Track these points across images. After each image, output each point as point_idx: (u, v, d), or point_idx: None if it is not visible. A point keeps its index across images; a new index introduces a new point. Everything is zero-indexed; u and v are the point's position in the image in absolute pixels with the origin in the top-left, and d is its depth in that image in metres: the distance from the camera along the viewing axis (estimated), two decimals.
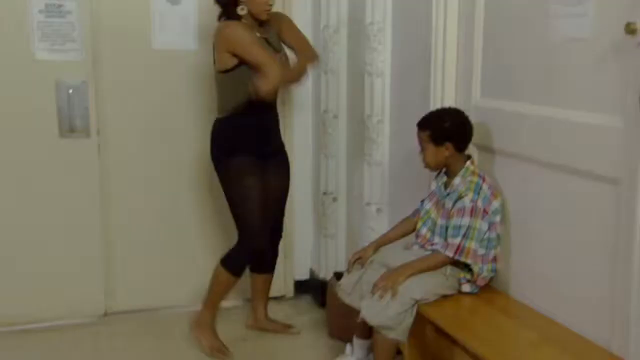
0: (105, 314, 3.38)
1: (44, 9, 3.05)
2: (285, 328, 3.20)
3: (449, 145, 2.33)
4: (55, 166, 3.20)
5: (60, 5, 3.06)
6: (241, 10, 2.76)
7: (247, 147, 2.85)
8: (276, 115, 2.97)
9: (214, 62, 2.83)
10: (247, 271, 3.03)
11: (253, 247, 2.90)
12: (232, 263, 2.90)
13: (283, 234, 3.19)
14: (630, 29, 1.69)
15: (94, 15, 3.13)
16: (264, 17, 2.80)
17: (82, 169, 3.24)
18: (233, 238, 2.96)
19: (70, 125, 3.17)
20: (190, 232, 3.46)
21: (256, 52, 2.71)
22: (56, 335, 3.19)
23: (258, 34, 2.80)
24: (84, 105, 3.16)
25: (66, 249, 3.26)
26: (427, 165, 2.41)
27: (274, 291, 3.36)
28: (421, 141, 2.39)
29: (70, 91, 3.14)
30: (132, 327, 3.28)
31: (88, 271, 3.31)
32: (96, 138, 3.22)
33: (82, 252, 3.29)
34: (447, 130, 2.33)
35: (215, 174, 2.94)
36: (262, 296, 3.19)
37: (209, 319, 2.97)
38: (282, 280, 3.55)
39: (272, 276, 3.21)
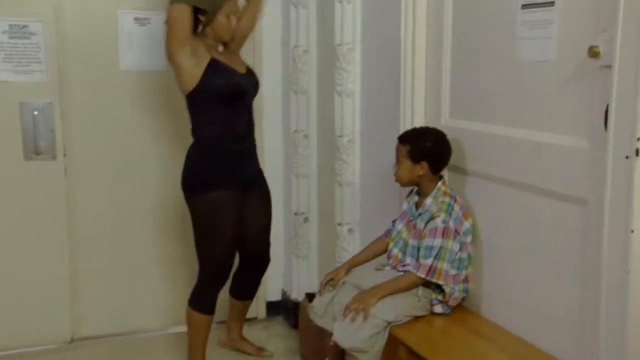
0: (72, 340, 3.30)
1: (8, 29, 3.00)
2: (258, 351, 3.15)
3: (424, 164, 2.33)
4: (21, 189, 3.13)
5: (24, 26, 3.01)
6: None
7: (223, 180, 2.69)
8: (253, 141, 2.85)
9: (178, 84, 2.70)
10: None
11: (215, 283, 2.79)
12: (199, 302, 2.79)
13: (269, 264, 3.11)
14: (593, 52, 1.72)
15: (59, 36, 3.08)
16: (227, 38, 2.72)
17: (48, 192, 3.17)
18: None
19: (36, 148, 3.11)
20: (158, 256, 3.40)
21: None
22: None
23: (219, 56, 2.68)
24: (49, 127, 3.10)
25: (32, 273, 3.18)
26: (399, 180, 2.41)
27: None
28: (399, 155, 2.39)
29: (36, 113, 3.08)
30: (100, 353, 3.21)
31: (54, 296, 3.23)
32: (62, 160, 3.16)
33: (48, 276, 3.21)
34: (426, 150, 2.34)
35: (184, 201, 2.83)
36: (239, 318, 3.16)
37: None
38: (254, 302, 3.50)
39: (251, 302, 3.18)
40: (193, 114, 2.73)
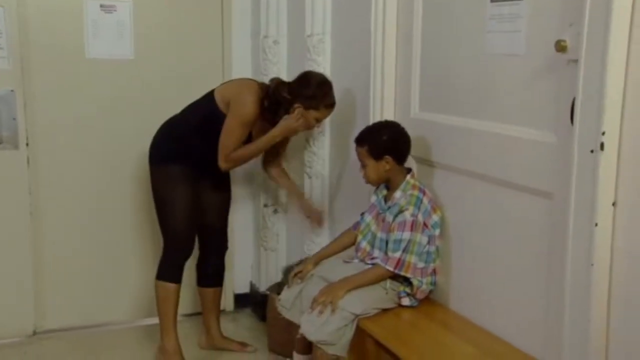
0: (34, 333, 3.24)
1: None
2: (242, 347, 3.13)
3: (388, 158, 2.32)
4: None
5: None
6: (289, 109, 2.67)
7: (185, 158, 2.80)
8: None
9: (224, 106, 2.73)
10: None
11: (177, 251, 2.85)
12: (164, 272, 2.85)
13: (228, 245, 3.14)
14: (560, 47, 1.73)
15: (21, 22, 3.00)
16: (293, 134, 2.80)
17: (10, 182, 3.10)
18: None
19: None
20: (122, 247, 3.36)
21: (232, 134, 2.68)
22: None
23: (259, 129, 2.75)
24: (11, 116, 3.03)
25: None
26: (369, 181, 2.41)
27: None
28: (360, 157, 2.38)
29: None
30: (62, 346, 3.16)
31: (17, 288, 3.16)
32: (25, 150, 3.09)
33: (10, 268, 3.14)
34: (385, 143, 2.33)
35: (149, 185, 2.88)
36: (212, 311, 3.12)
37: (171, 344, 2.87)
38: (222, 294, 3.48)
39: (221, 290, 3.15)
40: (208, 122, 2.75)
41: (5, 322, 3.16)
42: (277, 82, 2.74)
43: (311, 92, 2.63)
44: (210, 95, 2.79)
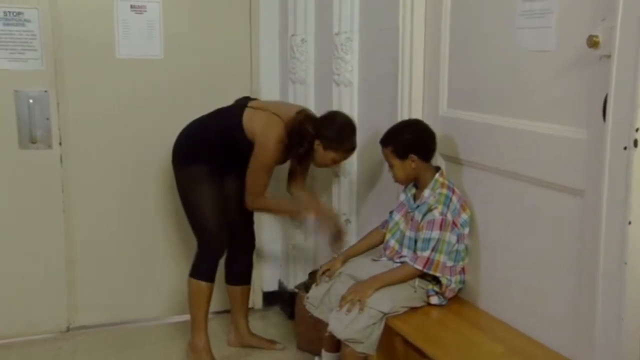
0: (68, 329, 3.30)
1: (3, 16, 2.98)
2: (270, 344, 3.15)
3: (413, 157, 2.31)
4: (16, 178, 3.12)
5: (19, 13, 2.99)
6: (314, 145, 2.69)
7: (209, 159, 2.82)
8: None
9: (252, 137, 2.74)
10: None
11: (212, 250, 2.88)
12: (198, 270, 2.88)
13: (255, 242, 3.16)
14: (592, 42, 1.70)
15: (55, 23, 3.06)
16: (318, 166, 2.82)
17: (43, 181, 3.16)
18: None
19: (31, 136, 3.09)
20: (155, 245, 3.40)
21: (258, 178, 2.72)
22: (16, 352, 3.10)
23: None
24: (45, 116, 3.09)
25: (28, 262, 3.18)
26: (398, 181, 2.40)
27: None
28: (387, 158, 2.38)
29: (31, 101, 3.06)
30: (95, 342, 3.21)
31: (50, 285, 3.23)
32: (58, 149, 3.15)
33: (44, 266, 3.20)
34: (408, 142, 2.32)
35: None
36: (241, 308, 3.14)
37: (202, 341, 2.90)
38: (251, 292, 3.51)
39: (250, 287, 3.17)
40: (231, 138, 2.78)
41: (39, 319, 3.23)
42: (305, 116, 2.73)
43: (333, 133, 2.65)
44: (239, 117, 2.75)
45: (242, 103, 2.85)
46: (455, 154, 2.40)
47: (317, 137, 2.66)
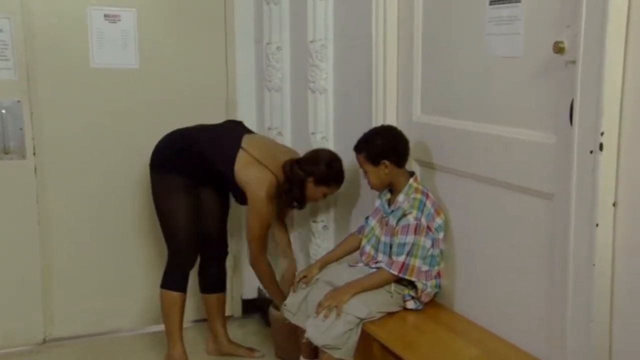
0: (44, 341, 3.27)
1: None
2: (250, 352, 3.14)
3: (386, 162, 2.33)
4: None
5: None
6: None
7: (187, 172, 2.82)
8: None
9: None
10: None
11: (182, 259, 2.89)
12: (169, 281, 2.88)
13: (229, 250, 3.15)
14: (558, 48, 1.73)
15: (27, 33, 3.04)
16: (308, 201, 2.85)
17: (18, 192, 3.13)
18: None
19: (5, 147, 3.07)
20: (131, 255, 3.38)
21: (255, 235, 2.76)
22: None
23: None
24: (18, 126, 3.07)
25: (3, 274, 3.15)
26: (373, 186, 2.42)
27: None
28: (361, 164, 2.40)
29: (4, 111, 3.04)
30: (72, 354, 3.18)
31: (26, 297, 3.20)
32: (32, 159, 3.13)
33: (19, 277, 3.17)
34: (380, 148, 2.34)
35: None
36: (218, 316, 3.13)
37: (178, 352, 2.91)
38: (230, 300, 3.50)
39: (225, 295, 3.17)
40: (215, 164, 2.79)
41: (15, 331, 3.19)
42: (291, 163, 2.76)
43: (323, 169, 2.72)
44: (232, 157, 2.74)
45: (238, 134, 2.83)
46: (429, 159, 2.42)
47: (308, 176, 2.71)
